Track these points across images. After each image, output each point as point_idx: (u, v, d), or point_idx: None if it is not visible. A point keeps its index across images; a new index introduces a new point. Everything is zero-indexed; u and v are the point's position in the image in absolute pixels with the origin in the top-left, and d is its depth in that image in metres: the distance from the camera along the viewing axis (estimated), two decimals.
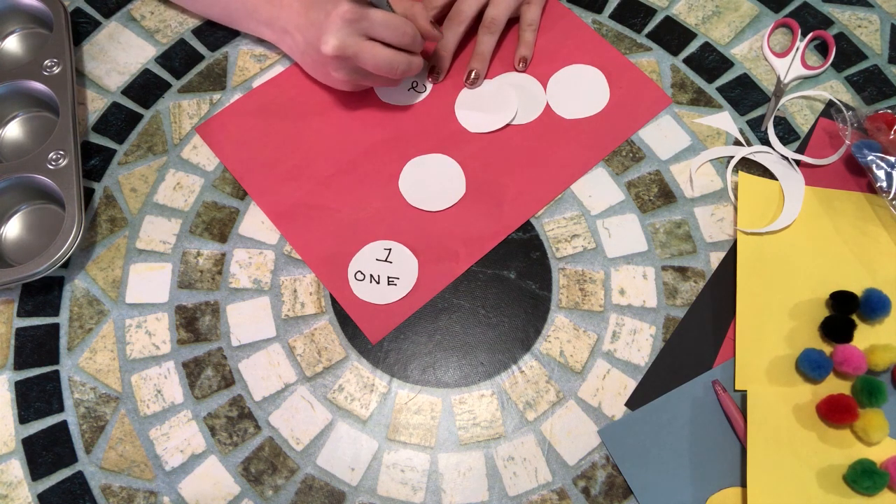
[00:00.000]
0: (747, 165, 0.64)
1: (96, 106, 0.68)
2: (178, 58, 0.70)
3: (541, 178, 0.63)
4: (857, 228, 0.61)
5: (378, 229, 0.62)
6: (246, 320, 0.59)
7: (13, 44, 0.69)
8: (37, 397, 0.57)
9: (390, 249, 0.61)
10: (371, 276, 0.60)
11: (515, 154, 0.64)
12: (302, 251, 0.61)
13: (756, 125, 0.66)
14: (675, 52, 0.70)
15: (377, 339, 0.58)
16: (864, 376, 0.54)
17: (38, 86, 0.63)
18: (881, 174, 0.61)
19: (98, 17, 0.72)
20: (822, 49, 0.70)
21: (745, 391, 0.55)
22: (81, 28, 0.71)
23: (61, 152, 0.60)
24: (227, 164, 0.64)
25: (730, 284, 0.59)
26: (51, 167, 0.59)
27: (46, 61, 0.63)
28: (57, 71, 0.63)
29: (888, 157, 0.61)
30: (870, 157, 0.62)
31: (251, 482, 0.54)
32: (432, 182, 0.63)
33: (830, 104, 0.67)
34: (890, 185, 0.61)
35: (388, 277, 0.60)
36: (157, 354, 0.58)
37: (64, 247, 0.57)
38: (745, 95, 0.68)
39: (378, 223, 0.62)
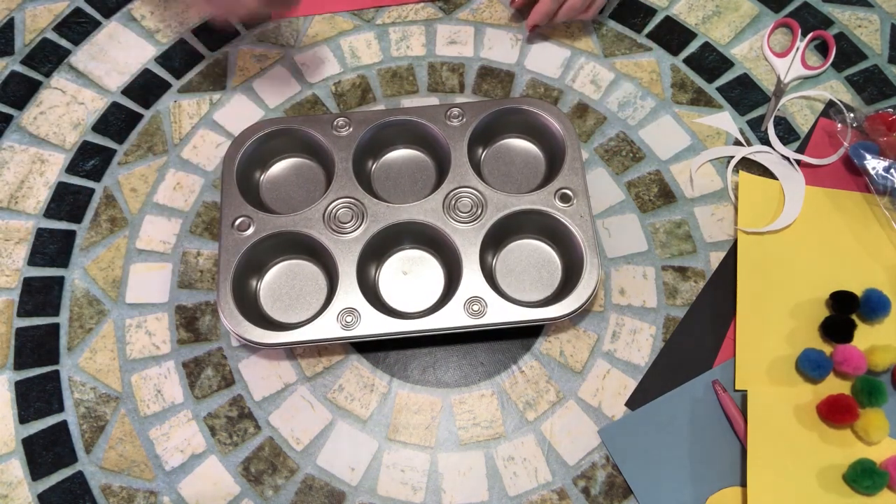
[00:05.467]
0: (747, 165, 0.64)
1: (96, 106, 0.68)
2: (178, 58, 0.70)
3: None
4: (857, 228, 0.61)
5: None
6: None
7: None
8: (37, 397, 0.57)
9: None
10: None
11: None
12: None
13: (756, 125, 0.66)
14: (675, 52, 0.70)
15: None
16: (864, 376, 0.54)
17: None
18: (877, 177, 0.61)
19: (98, 17, 0.72)
20: (822, 49, 0.70)
21: (745, 391, 0.55)
22: (81, 28, 0.71)
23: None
24: None
25: (730, 284, 0.59)
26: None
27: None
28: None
29: (885, 159, 0.61)
30: (866, 160, 0.62)
31: (251, 482, 0.54)
32: None
33: (830, 104, 0.66)
34: (885, 188, 0.61)
35: None
36: (157, 354, 0.58)
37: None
38: (745, 95, 0.68)
39: None
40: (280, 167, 0.64)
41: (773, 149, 0.65)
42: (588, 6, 0.66)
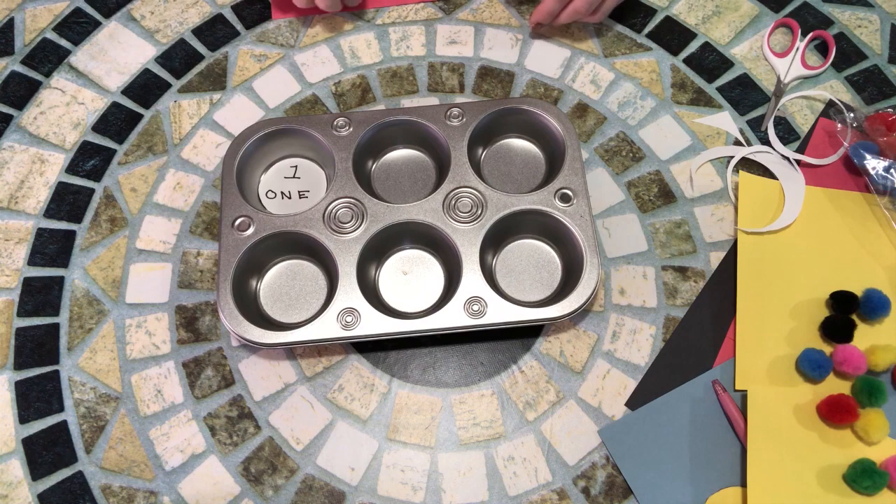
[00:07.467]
0: (747, 165, 0.64)
1: (96, 106, 0.68)
2: (178, 58, 0.70)
3: None
4: (857, 228, 0.61)
5: None
6: None
7: None
8: (37, 397, 0.57)
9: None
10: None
11: None
12: None
13: (756, 125, 0.66)
14: (675, 52, 0.70)
15: None
16: (864, 376, 0.54)
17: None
18: (877, 177, 0.61)
19: (98, 17, 0.72)
20: (822, 49, 0.70)
21: (745, 391, 0.55)
22: (81, 28, 0.71)
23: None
24: None
25: (730, 284, 0.59)
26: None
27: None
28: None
29: (885, 159, 0.61)
30: (866, 160, 0.62)
31: (251, 482, 0.54)
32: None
33: (830, 104, 0.67)
34: (885, 188, 0.61)
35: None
36: (157, 354, 0.58)
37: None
38: (745, 95, 0.68)
39: None
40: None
41: (773, 149, 0.65)
42: (595, 10, 0.66)
